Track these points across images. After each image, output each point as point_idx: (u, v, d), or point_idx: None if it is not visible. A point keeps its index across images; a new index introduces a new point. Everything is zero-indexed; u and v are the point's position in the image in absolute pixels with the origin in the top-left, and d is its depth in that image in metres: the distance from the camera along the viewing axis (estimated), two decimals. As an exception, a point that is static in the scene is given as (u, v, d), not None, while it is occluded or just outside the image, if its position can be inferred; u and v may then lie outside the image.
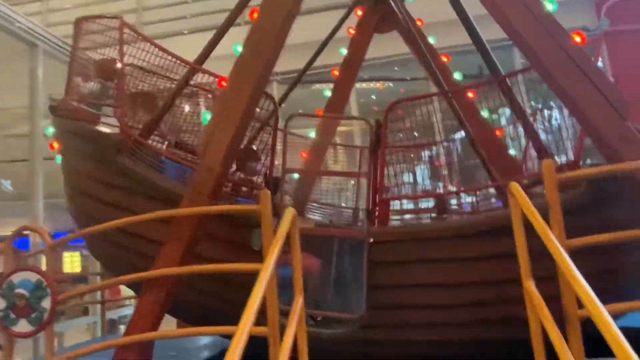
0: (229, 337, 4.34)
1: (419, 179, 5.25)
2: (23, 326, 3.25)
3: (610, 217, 2.90)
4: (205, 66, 4.38)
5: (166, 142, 4.52)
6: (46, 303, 3.26)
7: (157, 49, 4.33)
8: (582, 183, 2.99)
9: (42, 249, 4.05)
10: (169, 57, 4.37)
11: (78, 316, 8.66)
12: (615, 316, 3.70)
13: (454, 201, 4.69)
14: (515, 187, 2.51)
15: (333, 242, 4.67)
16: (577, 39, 2.86)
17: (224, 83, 3.37)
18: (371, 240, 3.71)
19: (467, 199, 4.65)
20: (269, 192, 2.99)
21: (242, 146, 4.56)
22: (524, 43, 3.09)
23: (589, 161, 4.11)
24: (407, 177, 4.94)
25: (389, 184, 4.32)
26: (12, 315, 3.27)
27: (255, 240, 3.47)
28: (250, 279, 2.20)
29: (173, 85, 4.30)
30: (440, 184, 5.27)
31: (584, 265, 1.97)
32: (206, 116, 3.39)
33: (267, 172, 3.98)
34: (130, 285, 4.60)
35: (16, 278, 3.31)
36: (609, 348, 1.49)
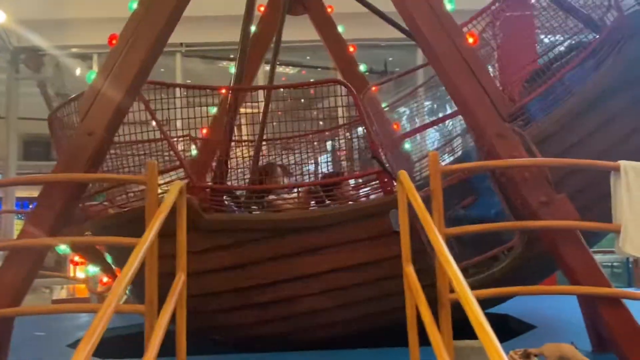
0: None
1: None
2: None
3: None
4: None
5: None
6: None
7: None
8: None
9: None
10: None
11: None
12: (498, 301, 4.03)
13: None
14: (403, 174, 2.60)
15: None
16: (470, 39, 3.04)
17: (114, 41, 3.09)
18: None
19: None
20: (155, 162, 2.81)
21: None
22: (424, 40, 3.20)
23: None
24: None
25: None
26: None
27: (393, 221, 3.32)
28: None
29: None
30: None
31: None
32: (91, 75, 3.09)
33: (372, 148, 3.63)
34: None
35: None
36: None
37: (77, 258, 5.14)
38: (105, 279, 5.65)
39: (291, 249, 3.52)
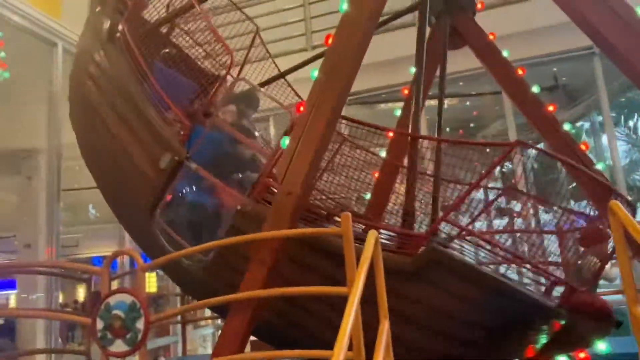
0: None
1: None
2: (119, 346, 3.44)
3: None
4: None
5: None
6: (140, 324, 3.43)
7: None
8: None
9: (133, 271, 4.28)
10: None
11: (160, 336, 9.03)
12: None
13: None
14: (616, 205, 2.36)
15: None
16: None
17: (301, 108, 3.45)
18: None
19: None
20: (349, 214, 2.99)
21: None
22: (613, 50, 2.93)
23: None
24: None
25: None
26: (109, 336, 3.47)
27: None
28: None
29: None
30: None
31: None
32: (285, 140, 3.47)
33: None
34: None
35: (113, 300, 3.52)
36: None
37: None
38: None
39: None
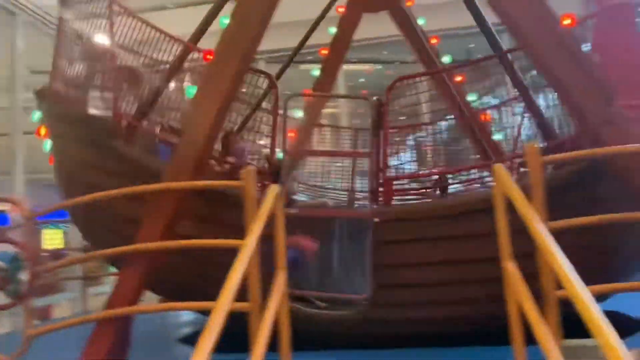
0: (208, 314, 4.33)
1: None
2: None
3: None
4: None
5: (159, 126, 4.44)
6: (24, 276, 3.21)
7: (145, 25, 4.17)
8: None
9: (21, 222, 3.98)
10: (158, 34, 4.20)
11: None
12: (599, 298, 3.86)
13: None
14: (498, 168, 2.52)
15: (334, 224, 4.60)
16: (567, 21, 2.86)
17: (209, 57, 3.29)
18: (376, 220, 3.72)
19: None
20: (252, 169, 2.95)
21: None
22: (515, 26, 3.07)
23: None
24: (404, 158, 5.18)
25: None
26: (-10, 288, 3.22)
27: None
28: (231, 256, 2.20)
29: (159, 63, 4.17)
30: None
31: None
32: (191, 90, 3.32)
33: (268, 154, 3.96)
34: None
35: (-6, 251, 3.26)
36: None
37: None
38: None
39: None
